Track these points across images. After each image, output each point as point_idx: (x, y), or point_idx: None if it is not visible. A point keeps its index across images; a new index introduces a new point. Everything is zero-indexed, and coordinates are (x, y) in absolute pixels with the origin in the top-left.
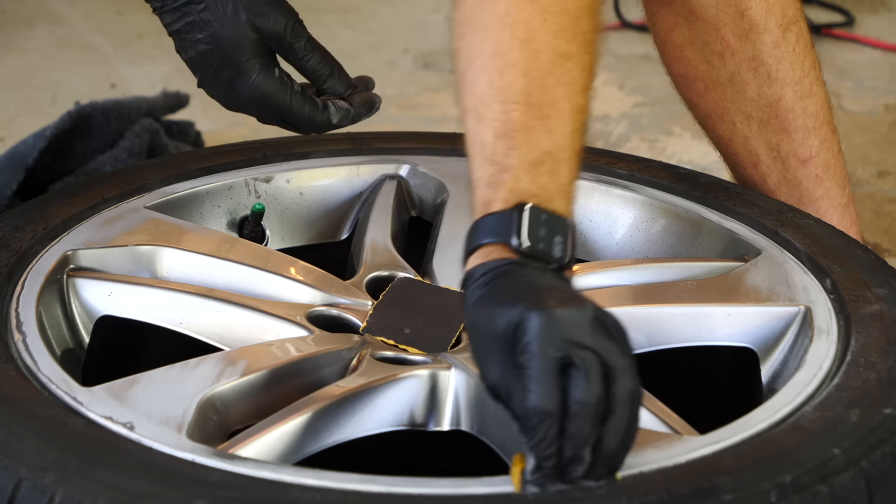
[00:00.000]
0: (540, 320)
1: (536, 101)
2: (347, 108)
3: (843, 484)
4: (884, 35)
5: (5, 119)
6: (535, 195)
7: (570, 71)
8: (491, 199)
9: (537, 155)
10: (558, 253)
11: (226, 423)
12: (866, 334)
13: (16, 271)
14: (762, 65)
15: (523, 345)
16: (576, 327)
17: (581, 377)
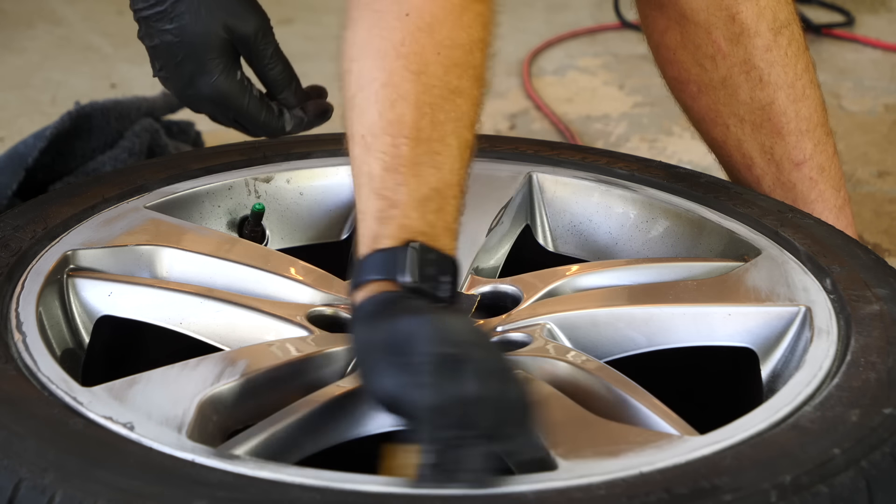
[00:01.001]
0: (425, 323)
1: (426, 137)
2: (301, 117)
3: (843, 484)
4: (884, 35)
5: (5, 119)
6: (424, 233)
7: (461, 106)
8: (379, 234)
9: (426, 191)
10: (444, 293)
11: (226, 423)
12: (866, 334)
13: (16, 271)
14: (754, 68)
15: (416, 347)
16: (456, 330)
17: (472, 370)
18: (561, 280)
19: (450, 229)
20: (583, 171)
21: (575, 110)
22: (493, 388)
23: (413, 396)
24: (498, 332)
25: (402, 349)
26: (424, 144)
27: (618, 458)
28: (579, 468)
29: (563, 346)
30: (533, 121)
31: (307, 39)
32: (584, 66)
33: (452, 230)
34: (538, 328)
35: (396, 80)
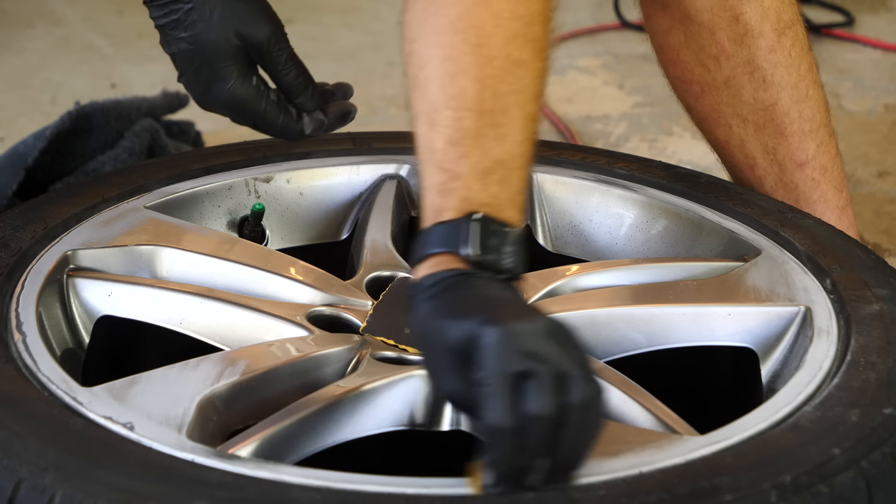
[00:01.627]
0: (495, 335)
1: (488, 109)
2: (321, 119)
3: (843, 484)
4: (884, 35)
5: (5, 119)
6: (486, 204)
7: (522, 78)
8: (441, 207)
9: (489, 164)
10: (508, 263)
11: (226, 423)
12: (866, 334)
13: (16, 271)
14: (757, 69)
15: (480, 360)
16: (530, 340)
17: (536, 390)
18: (561, 280)
19: (514, 201)
20: (583, 171)
21: (575, 110)
22: (564, 404)
23: (481, 412)
24: None
25: (469, 356)
26: (487, 117)
27: (618, 458)
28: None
29: None
30: None
31: (307, 39)
32: (584, 66)
33: (517, 202)
34: None
35: (456, 55)
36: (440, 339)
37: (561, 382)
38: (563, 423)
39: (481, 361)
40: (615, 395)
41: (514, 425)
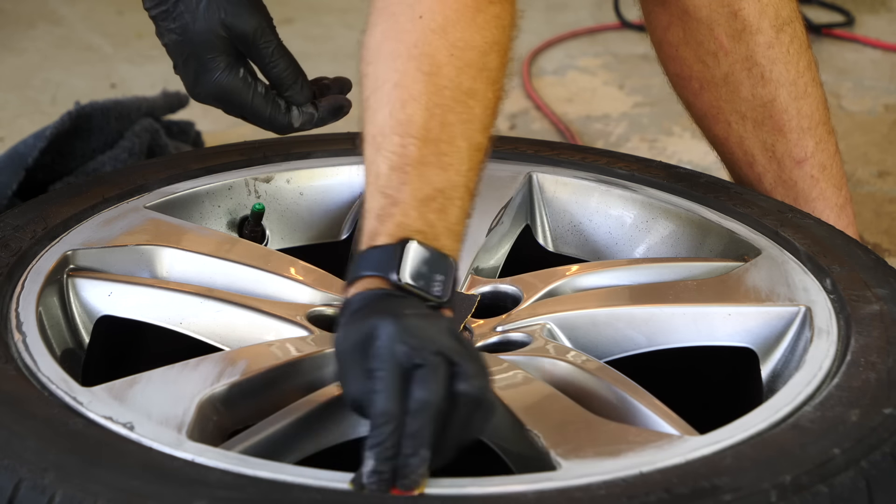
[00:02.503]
0: (389, 328)
1: (434, 137)
2: (312, 113)
3: (843, 484)
4: (884, 35)
5: (5, 119)
6: (422, 232)
7: (472, 108)
8: (377, 231)
9: (429, 191)
10: (437, 291)
11: (226, 423)
12: (866, 334)
13: (16, 271)
14: (756, 65)
15: (373, 350)
16: (424, 332)
17: (423, 377)
18: (561, 280)
19: (452, 230)
20: (583, 171)
21: (575, 110)
22: (453, 394)
23: (367, 402)
24: (498, 332)
25: (365, 350)
26: (432, 145)
27: (618, 458)
28: (579, 468)
29: (563, 346)
30: (533, 121)
31: (307, 39)
32: (584, 66)
33: (455, 231)
34: (538, 328)
35: (408, 81)
36: (345, 342)
37: (450, 373)
38: (449, 413)
39: (374, 350)
40: (615, 394)
41: (395, 409)
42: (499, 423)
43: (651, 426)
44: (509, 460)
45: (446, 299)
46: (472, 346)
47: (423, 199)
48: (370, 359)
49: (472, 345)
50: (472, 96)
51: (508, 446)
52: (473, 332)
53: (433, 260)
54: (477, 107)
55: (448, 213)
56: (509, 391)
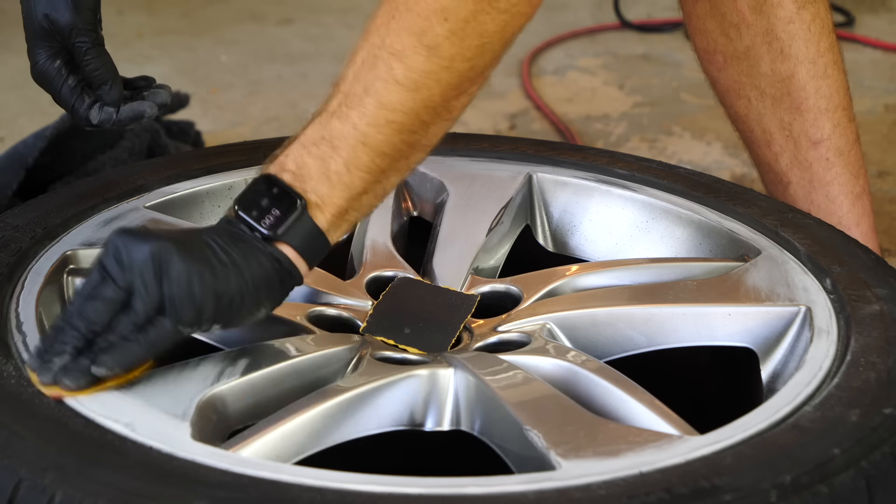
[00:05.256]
0: (109, 238)
1: (345, 91)
2: (111, 112)
3: (843, 484)
4: (884, 35)
5: (5, 119)
6: (291, 171)
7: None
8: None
9: (316, 137)
10: (266, 224)
11: (226, 423)
12: (866, 334)
13: (16, 271)
14: (776, 39)
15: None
16: (129, 249)
17: (91, 288)
18: (561, 280)
19: (330, 178)
20: (583, 171)
21: (575, 110)
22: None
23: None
24: (498, 332)
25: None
26: (341, 96)
27: (618, 458)
28: (579, 468)
29: (563, 346)
30: (533, 121)
31: (307, 39)
32: (584, 66)
33: (334, 180)
34: (538, 328)
35: (359, 38)
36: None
37: (120, 297)
38: (102, 331)
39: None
40: (615, 394)
41: (70, 310)
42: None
43: (651, 426)
44: (509, 460)
45: (279, 234)
46: (177, 284)
47: (305, 143)
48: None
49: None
50: (397, 57)
51: (508, 446)
52: (473, 332)
53: (279, 196)
54: (398, 68)
55: (328, 160)
56: (509, 391)
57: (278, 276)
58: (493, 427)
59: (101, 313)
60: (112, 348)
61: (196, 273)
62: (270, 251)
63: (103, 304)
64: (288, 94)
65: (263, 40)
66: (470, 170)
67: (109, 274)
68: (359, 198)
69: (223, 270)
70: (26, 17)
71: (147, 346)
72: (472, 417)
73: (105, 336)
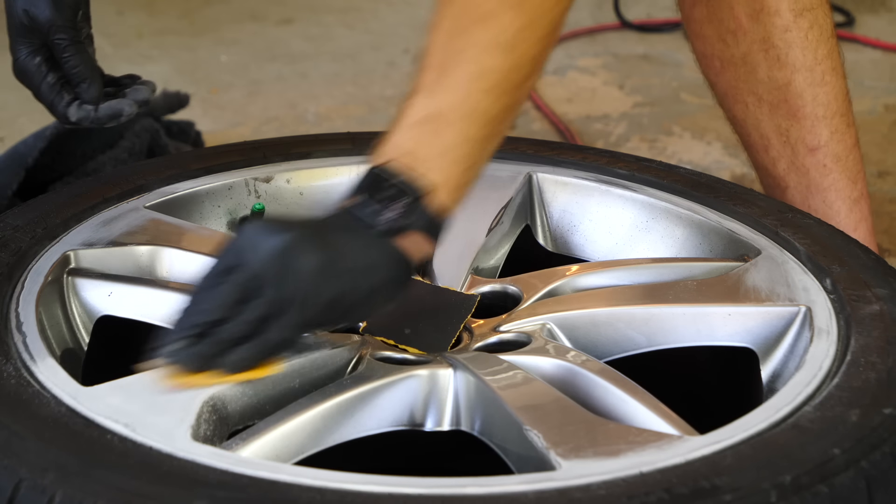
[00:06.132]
0: (243, 230)
1: (438, 63)
2: (89, 110)
3: (843, 484)
4: (884, 35)
5: (5, 119)
6: (411, 153)
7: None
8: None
9: (424, 114)
10: (389, 216)
11: (226, 423)
12: (866, 334)
13: (16, 271)
14: (772, 47)
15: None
16: (259, 244)
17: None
18: (561, 280)
19: (446, 153)
20: (583, 171)
21: (575, 110)
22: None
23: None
24: (498, 332)
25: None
26: (436, 70)
27: (618, 458)
28: (579, 468)
29: (563, 346)
30: (533, 121)
31: (307, 39)
32: (584, 66)
33: (451, 155)
34: (538, 328)
35: (436, 10)
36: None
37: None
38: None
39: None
40: (615, 394)
41: (191, 301)
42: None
43: (651, 426)
44: (509, 460)
45: (406, 224)
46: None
47: (411, 124)
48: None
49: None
50: (487, 20)
51: (508, 446)
52: (473, 332)
53: (400, 185)
54: (491, 30)
55: (441, 136)
56: (509, 391)
57: (400, 273)
58: (493, 427)
59: (228, 300)
60: (236, 349)
61: (323, 274)
62: (395, 247)
63: (233, 290)
64: (288, 94)
65: (263, 40)
66: None
67: (242, 259)
68: (475, 167)
69: (349, 273)
70: (8, 12)
71: (268, 347)
72: (472, 417)
73: (228, 326)
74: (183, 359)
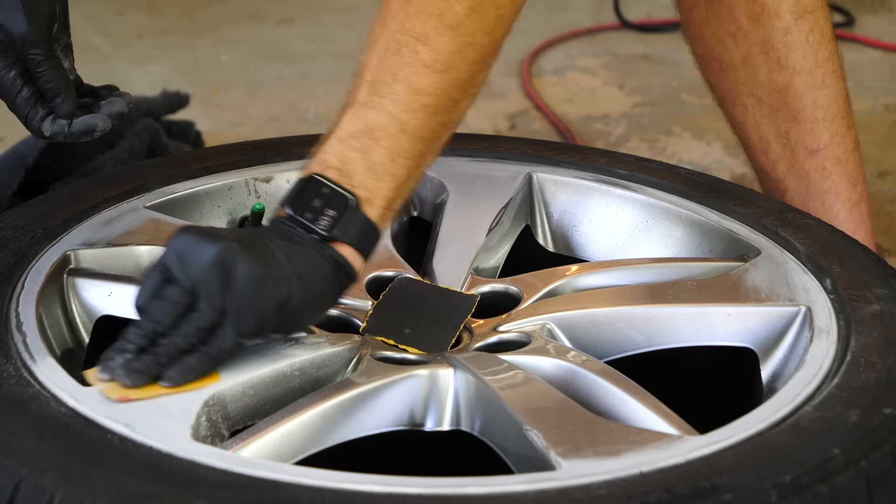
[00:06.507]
0: (177, 238)
1: (372, 79)
2: (63, 125)
3: (843, 484)
4: (884, 35)
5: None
6: (335, 168)
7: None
8: (305, 166)
9: (353, 130)
10: (323, 227)
11: (226, 423)
12: (866, 334)
13: (16, 271)
14: (772, 49)
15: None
16: (181, 249)
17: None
18: (561, 280)
19: (375, 170)
20: (583, 171)
21: (575, 110)
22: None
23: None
24: (498, 332)
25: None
26: (370, 86)
27: (618, 458)
28: (579, 468)
29: (563, 346)
30: (533, 121)
31: (307, 39)
32: (584, 66)
33: (379, 171)
34: (538, 328)
35: (374, 27)
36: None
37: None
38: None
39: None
40: (615, 394)
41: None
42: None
43: (651, 426)
44: (509, 460)
45: (336, 234)
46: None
47: (343, 137)
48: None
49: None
50: (421, 41)
51: (508, 446)
52: (473, 332)
53: (330, 195)
54: (425, 51)
55: (371, 152)
56: (509, 391)
57: (337, 279)
58: (493, 427)
59: (165, 314)
60: (176, 362)
61: (260, 282)
62: (330, 253)
63: (169, 304)
64: (288, 94)
65: (263, 40)
66: (470, 170)
67: (174, 274)
68: (403, 185)
69: (286, 280)
70: None
71: (210, 359)
72: (472, 417)
73: (169, 338)
74: (121, 374)
